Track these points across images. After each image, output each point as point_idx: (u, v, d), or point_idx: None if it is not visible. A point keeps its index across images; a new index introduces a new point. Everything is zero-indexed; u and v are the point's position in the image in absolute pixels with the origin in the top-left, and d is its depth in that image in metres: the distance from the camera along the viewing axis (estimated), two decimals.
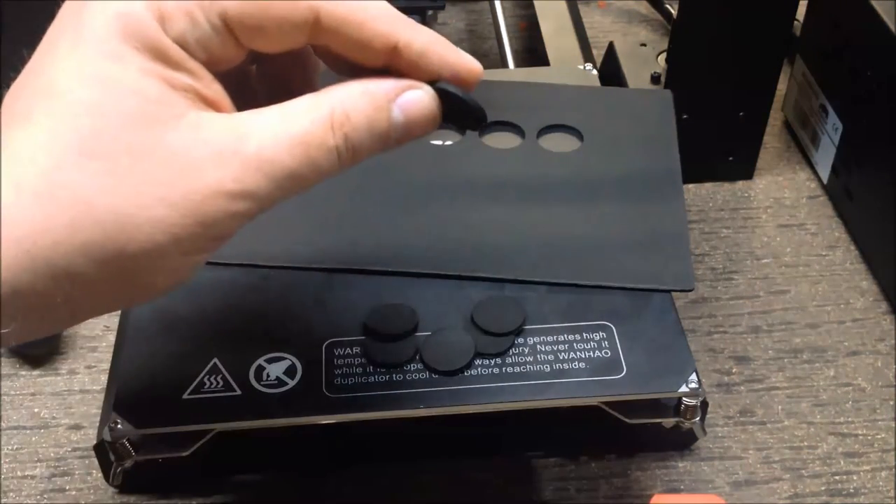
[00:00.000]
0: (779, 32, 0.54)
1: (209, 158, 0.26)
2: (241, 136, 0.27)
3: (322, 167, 0.28)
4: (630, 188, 0.48)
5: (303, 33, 0.28)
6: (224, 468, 0.45)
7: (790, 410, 0.48)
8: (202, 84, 0.27)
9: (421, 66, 0.30)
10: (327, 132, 0.28)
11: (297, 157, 0.27)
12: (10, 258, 0.25)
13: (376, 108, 0.29)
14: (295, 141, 0.27)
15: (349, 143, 0.28)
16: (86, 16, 0.27)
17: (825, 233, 0.57)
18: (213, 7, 0.27)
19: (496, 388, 0.40)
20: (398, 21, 0.29)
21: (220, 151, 0.27)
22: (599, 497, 0.45)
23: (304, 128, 0.28)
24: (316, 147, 0.28)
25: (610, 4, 0.76)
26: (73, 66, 0.26)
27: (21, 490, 0.44)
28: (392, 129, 0.29)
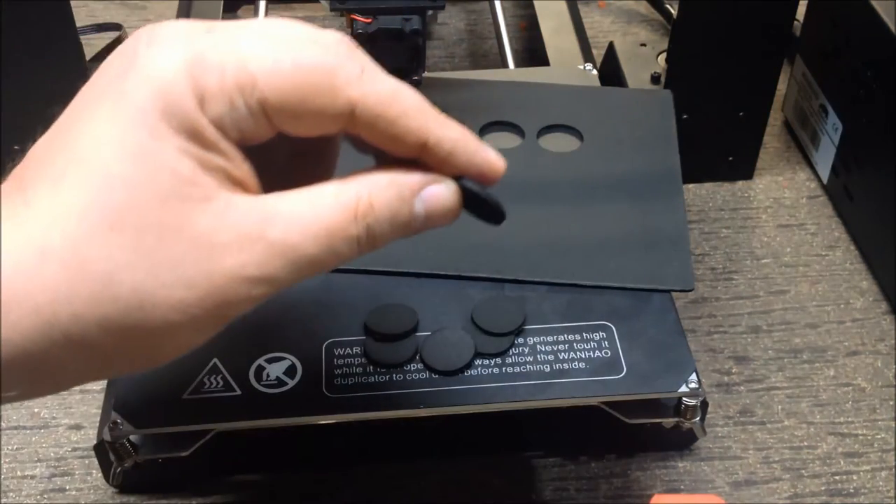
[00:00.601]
0: (779, 32, 0.54)
1: (234, 242, 0.27)
2: (267, 221, 0.27)
3: (342, 254, 0.28)
4: (630, 188, 0.48)
5: (338, 124, 0.29)
6: (224, 468, 0.45)
7: (790, 410, 0.48)
8: (233, 165, 0.27)
9: (448, 163, 0.30)
10: (350, 222, 0.28)
11: (320, 245, 0.27)
12: (26, 324, 0.25)
13: (401, 199, 0.29)
14: (319, 229, 0.27)
15: (371, 232, 0.29)
16: (129, 85, 0.26)
17: (825, 233, 0.57)
18: (253, 93, 0.27)
19: (496, 388, 0.40)
20: (430, 118, 0.30)
21: (246, 235, 0.27)
22: (599, 497, 0.45)
23: (329, 217, 0.28)
24: (339, 236, 0.28)
25: (610, 4, 0.76)
26: (111, 136, 0.26)
27: (21, 490, 0.44)
28: (413, 221, 0.30)
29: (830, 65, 0.58)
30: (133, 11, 0.75)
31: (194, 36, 0.27)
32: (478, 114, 0.52)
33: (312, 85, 0.27)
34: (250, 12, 0.71)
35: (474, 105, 0.53)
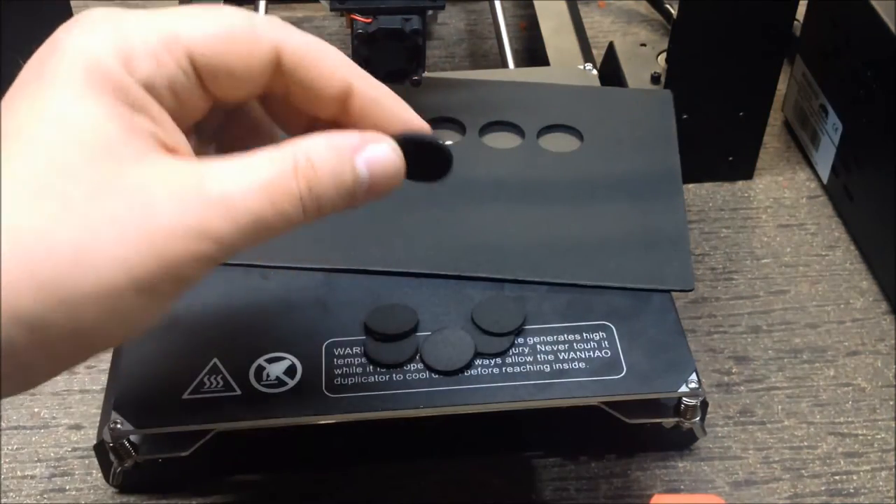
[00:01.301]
0: (779, 32, 0.54)
1: (170, 197, 0.26)
2: (204, 179, 0.27)
3: (287, 214, 0.28)
4: (630, 188, 0.48)
5: (265, 74, 0.29)
6: (224, 468, 0.45)
7: (790, 410, 0.48)
8: (164, 131, 0.27)
9: (374, 116, 0.30)
10: (290, 179, 0.28)
11: (260, 201, 0.27)
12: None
13: (340, 159, 0.29)
14: (258, 186, 0.27)
15: (313, 192, 0.28)
16: (53, 59, 0.27)
17: (825, 233, 0.57)
18: (178, 47, 0.27)
19: (496, 388, 0.40)
20: (354, 66, 0.30)
21: (181, 189, 0.26)
22: (599, 497, 0.45)
23: (267, 174, 0.27)
24: (280, 193, 0.27)
25: (610, 4, 0.76)
26: (35, 108, 0.26)
27: (21, 490, 0.44)
28: (357, 183, 0.29)
29: (830, 65, 0.58)
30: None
31: (116, 11, 0.28)
32: (478, 114, 0.52)
33: (235, 33, 0.28)
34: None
35: (474, 105, 0.53)
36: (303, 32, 0.30)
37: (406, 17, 0.47)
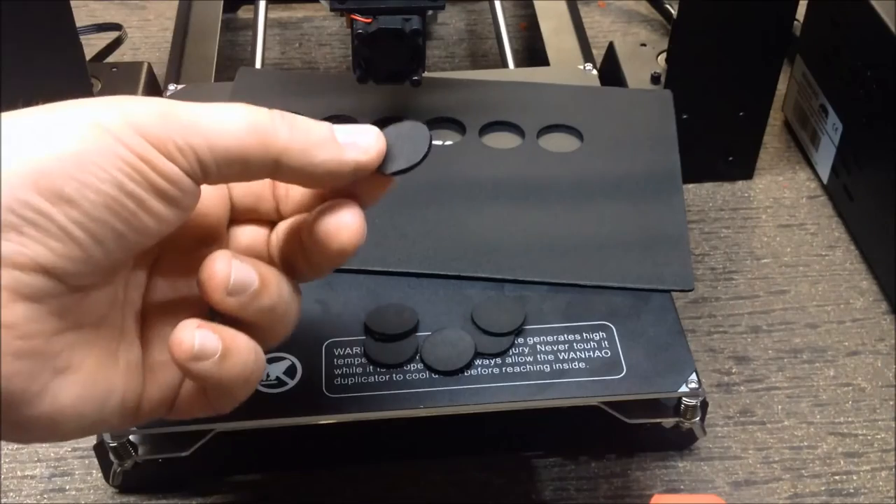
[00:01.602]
0: (779, 32, 0.54)
1: None
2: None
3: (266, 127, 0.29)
4: (630, 188, 0.48)
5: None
6: (224, 468, 0.45)
7: (790, 410, 0.48)
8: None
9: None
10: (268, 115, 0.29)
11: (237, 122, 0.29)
12: None
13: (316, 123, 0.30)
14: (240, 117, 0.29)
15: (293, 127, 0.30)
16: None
17: (825, 233, 0.57)
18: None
19: (496, 388, 0.40)
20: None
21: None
22: (599, 497, 0.45)
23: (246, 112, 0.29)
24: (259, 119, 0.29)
25: (610, 4, 0.76)
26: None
27: (21, 490, 0.44)
28: (332, 139, 0.30)
29: (830, 65, 0.58)
30: (133, 11, 0.75)
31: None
32: (478, 114, 0.52)
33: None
34: (250, 12, 0.71)
35: (474, 105, 0.53)
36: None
37: (406, 17, 0.47)
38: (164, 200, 0.27)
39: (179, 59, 0.61)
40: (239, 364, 0.29)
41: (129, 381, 0.30)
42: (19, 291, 0.25)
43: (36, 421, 0.27)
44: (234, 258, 0.29)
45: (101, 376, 0.28)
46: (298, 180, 0.30)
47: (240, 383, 0.30)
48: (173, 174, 0.27)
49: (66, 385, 0.27)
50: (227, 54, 0.69)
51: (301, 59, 0.71)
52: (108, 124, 0.26)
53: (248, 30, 0.72)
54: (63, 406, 0.27)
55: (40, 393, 0.26)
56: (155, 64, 0.63)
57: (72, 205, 0.25)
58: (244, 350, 0.30)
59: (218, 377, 0.29)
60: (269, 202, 0.34)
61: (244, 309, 0.30)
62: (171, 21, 0.66)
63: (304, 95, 0.53)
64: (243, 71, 0.56)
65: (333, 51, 0.72)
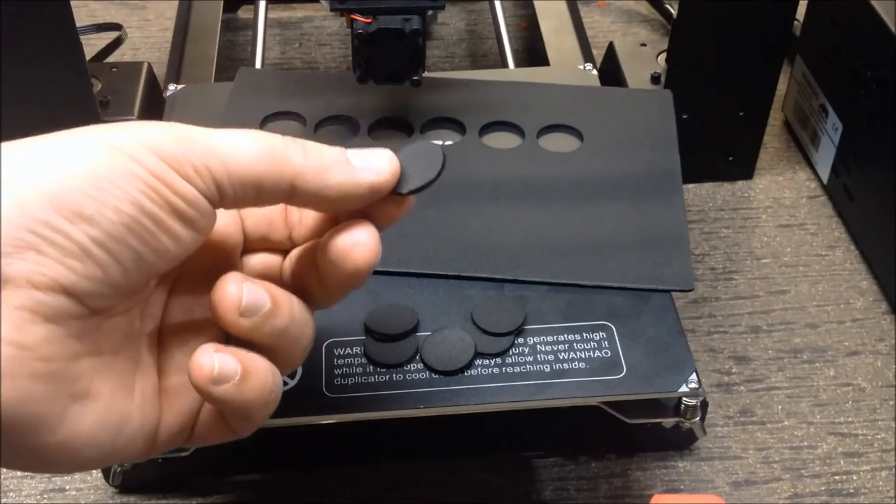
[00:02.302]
0: (779, 32, 0.54)
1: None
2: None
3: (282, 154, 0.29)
4: (630, 188, 0.48)
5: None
6: (224, 468, 0.45)
7: (790, 410, 0.48)
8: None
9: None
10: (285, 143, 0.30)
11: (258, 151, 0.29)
12: None
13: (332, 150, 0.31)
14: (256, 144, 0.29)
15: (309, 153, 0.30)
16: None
17: (825, 233, 0.57)
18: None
19: (496, 388, 0.40)
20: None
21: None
22: (599, 497, 0.45)
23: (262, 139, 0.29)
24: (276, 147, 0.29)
25: (610, 4, 0.76)
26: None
27: (21, 490, 0.44)
28: (347, 163, 0.30)
29: (830, 65, 0.58)
30: (133, 11, 0.75)
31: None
32: (478, 114, 0.52)
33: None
34: (250, 12, 0.71)
35: (474, 105, 0.53)
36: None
37: (406, 17, 0.47)
38: (181, 221, 0.27)
39: (179, 59, 0.61)
40: (258, 385, 0.30)
41: (145, 411, 0.30)
42: (39, 312, 0.25)
43: (51, 448, 0.27)
44: (245, 280, 0.29)
45: (117, 405, 0.28)
46: (314, 204, 0.30)
47: (260, 405, 0.30)
48: (191, 195, 0.27)
49: (84, 412, 0.27)
50: (227, 54, 0.69)
51: (301, 59, 0.71)
52: (123, 146, 0.26)
53: (248, 30, 0.72)
54: (79, 434, 0.27)
55: (58, 419, 0.26)
56: (155, 64, 0.63)
57: (91, 224, 0.25)
58: (262, 371, 0.30)
59: (238, 400, 0.29)
60: (281, 229, 0.34)
61: (257, 330, 0.30)
62: (171, 21, 0.66)
63: (304, 95, 0.53)
64: (243, 71, 0.56)
65: (333, 51, 0.72)
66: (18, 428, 0.25)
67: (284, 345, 0.31)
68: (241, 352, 0.29)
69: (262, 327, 0.30)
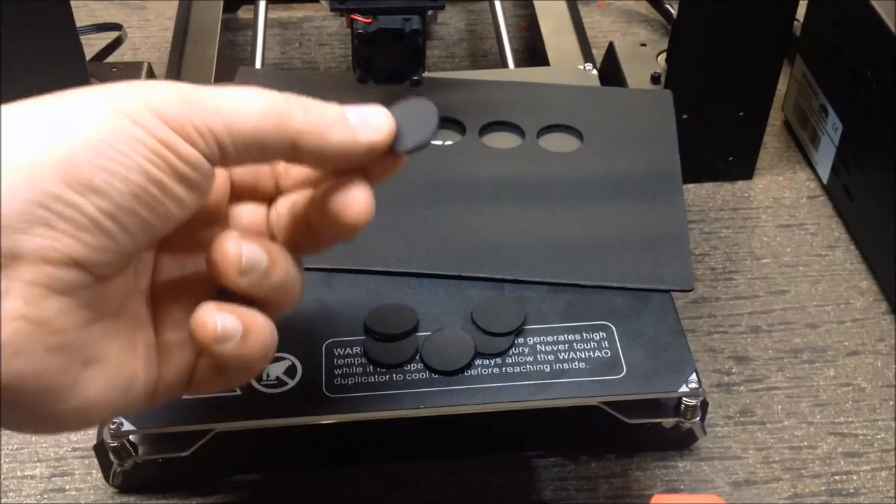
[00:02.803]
0: (779, 32, 0.54)
1: None
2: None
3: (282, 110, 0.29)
4: (630, 188, 0.48)
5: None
6: (224, 468, 0.45)
7: (790, 410, 0.48)
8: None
9: None
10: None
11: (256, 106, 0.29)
12: None
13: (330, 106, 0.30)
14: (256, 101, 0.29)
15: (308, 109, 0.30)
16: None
17: (825, 233, 0.57)
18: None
19: (496, 388, 0.40)
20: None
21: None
22: (599, 497, 0.45)
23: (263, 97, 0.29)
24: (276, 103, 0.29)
25: (610, 4, 0.76)
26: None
27: (21, 490, 0.44)
28: (347, 121, 0.30)
29: (830, 65, 0.58)
30: (133, 11, 0.75)
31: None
32: (478, 114, 0.52)
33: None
34: (250, 12, 0.71)
35: (474, 105, 0.53)
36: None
37: (406, 17, 0.47)
38: (185, 185, 0.27)
39: (179, 59, 0.61)
40: (260, 341, 0.30)
41: (148, 366, 0.30)
42: (52, 287, 0.25)
43: (67, 413, 0.27)
44: (243, 239, 0.30)
45: (125, 364, 0.29)
46: (313, 162, 0.30)
47: (260, 359, 0.31)
48: (194, 158, 0.27)
49: (95, 376, 0.27)
50: (227, 54, 0.69)
51: (301, 59, 0.71)
52: (127, 109, 0.26)
53: (248, 30, 0.72)
54: (92, 397, 0.27)
55: (72, 386, 0.27)
56: (155, 64, 0.63)
57: (101, 195, 0.25)
58: (263, 328, 0.30)
59: (240, 356, 0.30)
60: (268, 179, 0.34)
61: (256, 287, 0.30)
62: (171, 21, 0.66)
63: (305, 95, 0.53)
64: (243, 71, 0.56)
65: (333, 51, 0.72)
66: (35, 399, 0.26)
67: (278, 297, 0.31)
68: (241, 310, 0.30)
69: (261, 284, 0.30)
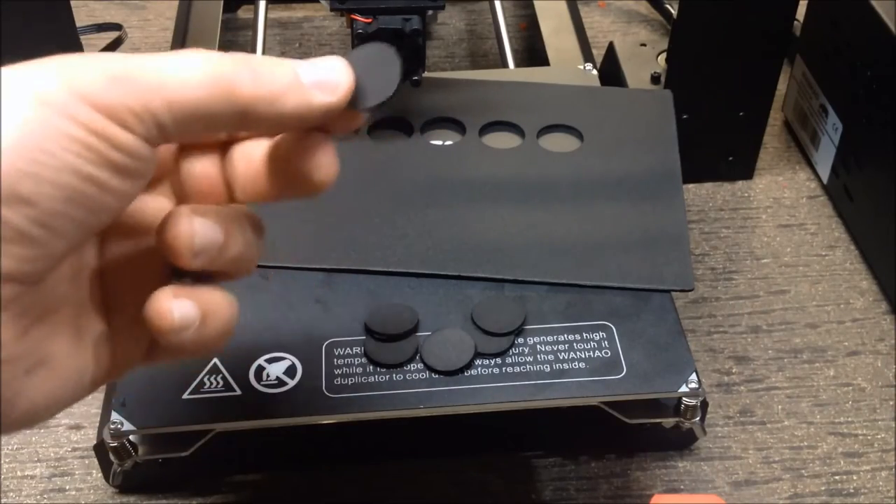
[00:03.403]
0: (779, 32, 0.54)
1: None
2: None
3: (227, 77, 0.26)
4: (630, 188, 0.48)
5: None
6: (224, 468, 0.45)
7: (790, 410, 0.48)
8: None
9: None
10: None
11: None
12: None
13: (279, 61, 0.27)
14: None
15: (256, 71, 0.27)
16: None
17: (825, 233, 0.57)
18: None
19: (496, 388, 0.40)
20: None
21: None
22: (599, 497, 0.45)
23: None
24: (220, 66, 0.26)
25: (610, 4, 0.76)
26: None
27: (21, 490, 0.44)
28: (297, 79, 0.27)
29: (830, 65, 0.58)
30: (133, 11, 0.75)
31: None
32: (478, 114, 0.52)
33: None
34: (250, 12, 0.71)
35: (474, 105, 0.53)
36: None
37: (406, 17, 0.47)
38: (123, 175, 0.25)
39: None
40: (220, 324, 0.28)
41: (99, 354, 0.28)
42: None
43: (11, 422, 0.26)
44: (194, 215, 0.27)
45: (72, 361, 0.27)
46: (265, 130, 0.29)
47: (219, 339, 0.29)
48: (131, 145, 0.25)
49: (39, 382, 0.26)
50: None
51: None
52: (51, 98, 0.23)
53: (248, 30, 0.72)
54: (38, 402, 0.26)
55: (13, 399, 0.25)
56: None
57: (28, 204, 0.23)
58: (222, 309, 0.29)
59: (199, 341, 0.28)
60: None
61: (211, 265, 0.28)
62: (171, 21, 0.66)
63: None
64: None
65: (333, 51, 0.71)
66: None
67: (237, 267, 0.30)
68: (199, 292, 0.28)
69: (217, 261, 0.28)
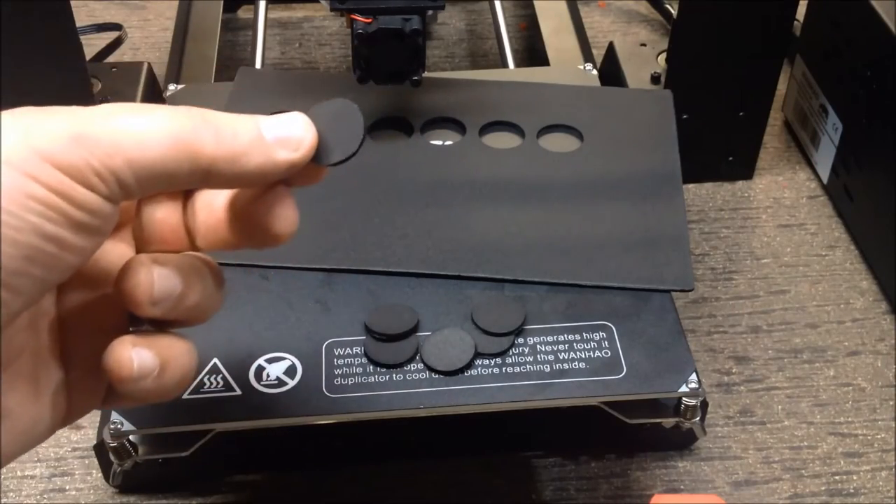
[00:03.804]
0: (779, 32, 0.54)
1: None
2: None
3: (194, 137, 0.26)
4: (630, 188, 0.48)
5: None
6: (224, 468, 0.45)
7: (790, 410, 0.48)
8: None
9: None
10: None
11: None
12: None
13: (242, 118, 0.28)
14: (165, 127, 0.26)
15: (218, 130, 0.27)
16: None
17: (825, 233, 0.57)
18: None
19: (496, 388, 0.40)
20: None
21: None
22: (599, 497, 0.45)
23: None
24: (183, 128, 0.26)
25: (610, 4, 0.76)
26: None
27: (21, 490, 0.44)
28: (260, 136, 0.27)
29: (830, 65, 0.58)
30: (133, 11, 0.75)
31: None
32: (478, 114, 0.52)
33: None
34: (250, 12, 0.71)
35: (474, 105, 0.53)
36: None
37: (406, 17, 0.47)
38: (84, 233, 0.25)
39: (179, 59, 0.61)
40: (179, 374, 0.28)
41: (56, 402, 0.28)
42: None
43: None
44: (154, 265, 0.28)
45: (27, 413, 0.27)
46: (228, 186, 0.29)
47: (176, 389, 0.29)
48: (93, 203, 0.25)
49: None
50: (227, 54, 0.69)
51: (301, 59, 0.71)
52: (12, 157, 0.23)
53: (248, 30, 0.72)
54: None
55: None
56: (155, 64, 0.63)
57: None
58: (182, 358, 0.29)
59: (157, 390, 0.28)
60: None
61: (169, 313, 0.28)
62: (171, 21, 0.66)
63: (304, 96, 0.53)
64: (243, 71, 0.56)
65: (333, 51, 0.72)
66: None
67: (193, 316, 0.30)
68: (158, 340, 0.28)
69: (175, 310, 0.28)
